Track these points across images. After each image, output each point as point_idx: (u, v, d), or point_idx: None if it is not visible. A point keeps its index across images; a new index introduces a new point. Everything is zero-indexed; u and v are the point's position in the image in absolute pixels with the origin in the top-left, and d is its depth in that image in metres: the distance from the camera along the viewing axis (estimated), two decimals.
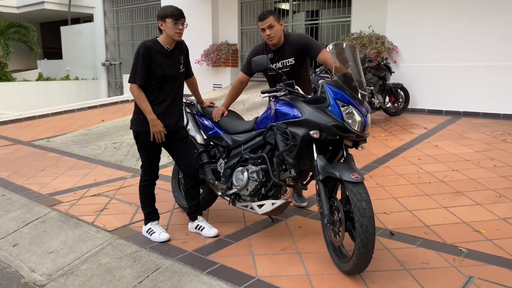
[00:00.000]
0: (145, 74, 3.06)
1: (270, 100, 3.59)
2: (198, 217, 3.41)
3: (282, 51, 3.49)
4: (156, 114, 3.11)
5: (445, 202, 3.78)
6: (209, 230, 3.33)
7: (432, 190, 4.09)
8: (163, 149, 3.32)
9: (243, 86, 3.73)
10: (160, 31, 3.15)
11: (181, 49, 3.25)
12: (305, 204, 3.83)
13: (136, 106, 3.19)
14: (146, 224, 3.37)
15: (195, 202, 3.40)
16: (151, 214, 3.36)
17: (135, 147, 3.43)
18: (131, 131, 3.32)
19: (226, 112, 3.57)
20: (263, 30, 3.43)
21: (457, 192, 3.99)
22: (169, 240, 3.25)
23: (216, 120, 3.52)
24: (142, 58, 3.04)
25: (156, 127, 3.09)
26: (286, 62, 3.47)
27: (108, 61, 15.69)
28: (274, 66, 3.45)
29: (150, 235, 3.29)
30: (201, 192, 3.73)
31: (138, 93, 3.08)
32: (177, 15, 3.08)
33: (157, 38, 3.15)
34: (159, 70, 3.09)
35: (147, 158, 3.27)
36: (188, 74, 3.40)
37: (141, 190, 3.34)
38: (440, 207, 3.70)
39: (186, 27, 3.16)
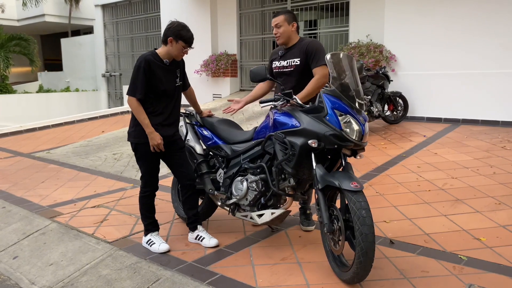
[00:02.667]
0: (144, 88, 3.08)
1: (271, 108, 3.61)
2: (198, 227, 3.41)
3: (292, 49, 3.47)
4: (154, 125, 3.12)
5: (445, 210, 3.78)
6: (209, 240, 3.32)
7: (432, 198, 4.09)
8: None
9: (266, 85, 3.69)
10: (164, 43, 3.15)
11: (177, 62, 3.28)
12: (312, 228, 3.57)
13: (133, 118, 3.20)
14: (146, 235, 3.37)
15: (194, 212, 3.40)
16: (151, 225, 3.36)
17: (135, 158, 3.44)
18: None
19: (240, 106, 3.57)
20: (273, 28, 3.47)
21: (456, 200, 3.99)
22: (169, 251, 3.25)
23: (234, 111, 3.52)
24: (142, 72, 3.05)
25: (154, 139, 3.11)
26: (291, 61, 3.45)
27: (108, 72, 15.78)
28: (279, 63, 3.47)
29: (150, 246, 3.29)
30: (200, 202, 3.74)
31: (137, 106, 3.10)
32: (191, 43, 3.15)
33: (156, 51, 3.18)
34: (158, 84, 3.11)
35: (146, 169, 3.29)
36: (184, 86, 3.42)
37: (141, 201, 3.35)
38: (439, 215, 3.70)
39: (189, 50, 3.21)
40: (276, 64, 3.53)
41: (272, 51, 3.73)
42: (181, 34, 3.09)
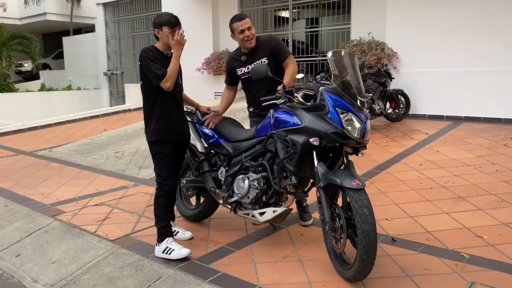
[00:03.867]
0: (163, 69, 3.02)
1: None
2: (171, 222, 3.40)
3: (255, 52, 3.48)
4: (167, 123, 3.13)
5: (447, 208, 3.78)
6: (184, 234, 3.42)
7: (434, 195, 4.09)
8: (152, 160, 3.29)
9: (233, 91, 3.76)
10: (157, 38, 3.17)
11: None
12: (310, 222, 3.60)
13: (146, 116, 3.19)
14: (160, 242, 3.14)
15: (171, 208, 3.40)
16: (165, 229, 3.17)
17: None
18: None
19: (220, 112, 3.60)
20: (242, 31, 3.40)
21: (458, 198, 3.99)
22: (190, 254, 3.09)
23: (210, 127, 3.53)
24: (152, 58, 3.03)
25: (176, 40, 3.03)
26: (259, 63, 3.44)
27: (110, 70, 15.78)
28: (247, 69, 3.48)
29: (169, 254, 3.08)
30: (202, 200, 3.75)
31: (166, 78, 3.00)
32: (174, 23, 3.10)
33: (155, 45, 3.18)
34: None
35: (162, 167, 3.18)
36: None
37: (156, 201, 3.20)
38: (441, 212, 3.69)
39: (183, 32, 3.18)
40: (242, 70, 3.53)
41: (228, 60, 3.69)
42: (160, 21, 3.10)
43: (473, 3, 7.31)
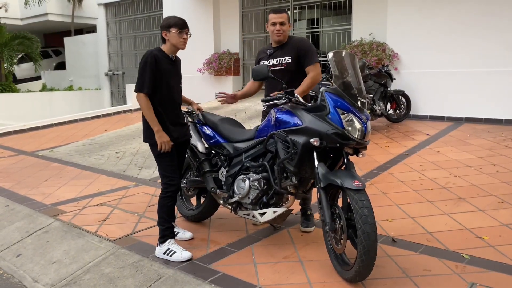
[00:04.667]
0: (152, 82, 3.05)
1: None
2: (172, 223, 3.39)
3: (282, 49, 3.51)
4: (168, 125, 3.12)
5: (448, 209, 3.77)
6: (184, 234, 3.42)
7: (434, 196, 4.08)
8: (153, 161, 3.29)
9: (257, 85, 3.76)
10: (163, 40, 3.17)
11: (179, 61, 3.30)
12: (311, 229, 3.53)
13: (145, 117, 3.19)
14: (162, 243, 3.14)
15: (173, 209, 3.40)
16: (168, 231, 3.17)
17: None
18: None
19: (237, 95, 3.71)
20: (274, 24, 3.45)
21: (459, 198, 3.98)
22: (191, 258, 3.08)
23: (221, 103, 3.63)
24: (149, 67, 3.03)
25: (162, 138, 3.07)
26: (282, 60, 3.46)
27: (111, 71, 15.80)
28: (268, 62, 3.49)
29: (171, 256, 3.08)
30: (202, 200, 3.75)
31: (146, 103, 3.06)
32: (182, 25, 3.12)
33: (161, 47, 3.19)
34: (164, 79, 3.10)
35: (166, 167, 3.18)
36: None
37: (161, 202, 3.18)
38: (442, 213, 3.69)
39: (190, 36, 3.19)
40: (264, 63, 3.53)
41: (258, 51, 3.76)
42: (168, 23, 3.11)
43: (474, 3, 7.30)
